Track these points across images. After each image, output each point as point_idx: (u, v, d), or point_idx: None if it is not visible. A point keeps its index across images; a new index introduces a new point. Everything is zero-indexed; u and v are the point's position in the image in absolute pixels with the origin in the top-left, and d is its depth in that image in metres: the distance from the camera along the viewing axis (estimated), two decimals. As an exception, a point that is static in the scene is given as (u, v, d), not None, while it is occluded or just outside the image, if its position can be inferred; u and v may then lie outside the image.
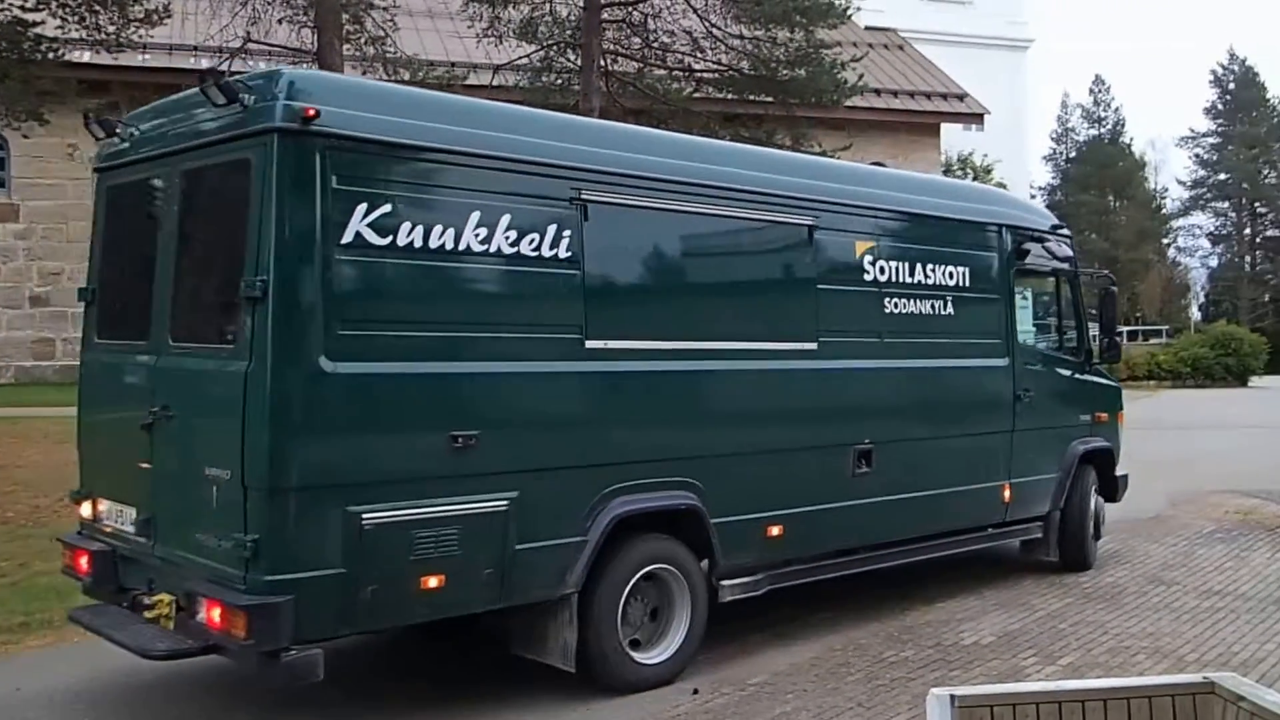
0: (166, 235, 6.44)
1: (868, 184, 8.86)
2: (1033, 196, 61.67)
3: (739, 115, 22.56)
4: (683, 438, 7.15)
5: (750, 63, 20.78)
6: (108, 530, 6.73)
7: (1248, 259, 79.62)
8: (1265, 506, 13.40)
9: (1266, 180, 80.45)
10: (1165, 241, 78.54)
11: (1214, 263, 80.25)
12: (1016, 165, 51.06)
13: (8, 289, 24.04)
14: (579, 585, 6.52)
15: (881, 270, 8.54)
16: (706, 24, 20.85)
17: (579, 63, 21.32)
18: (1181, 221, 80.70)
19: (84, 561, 6.70)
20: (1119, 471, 10.77)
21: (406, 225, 5.92)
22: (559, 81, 21.98)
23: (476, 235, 6.18)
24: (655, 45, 21.76)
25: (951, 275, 9.10)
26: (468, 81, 21.43)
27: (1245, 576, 9.86)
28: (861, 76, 21.28)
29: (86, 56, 18.65)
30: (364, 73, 17.71)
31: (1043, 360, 10.20)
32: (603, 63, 21.14)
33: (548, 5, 21.48)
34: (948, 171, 43.19)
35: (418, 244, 5.95)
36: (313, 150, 5.64)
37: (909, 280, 8.74)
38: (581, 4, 20.80)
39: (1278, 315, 73.34)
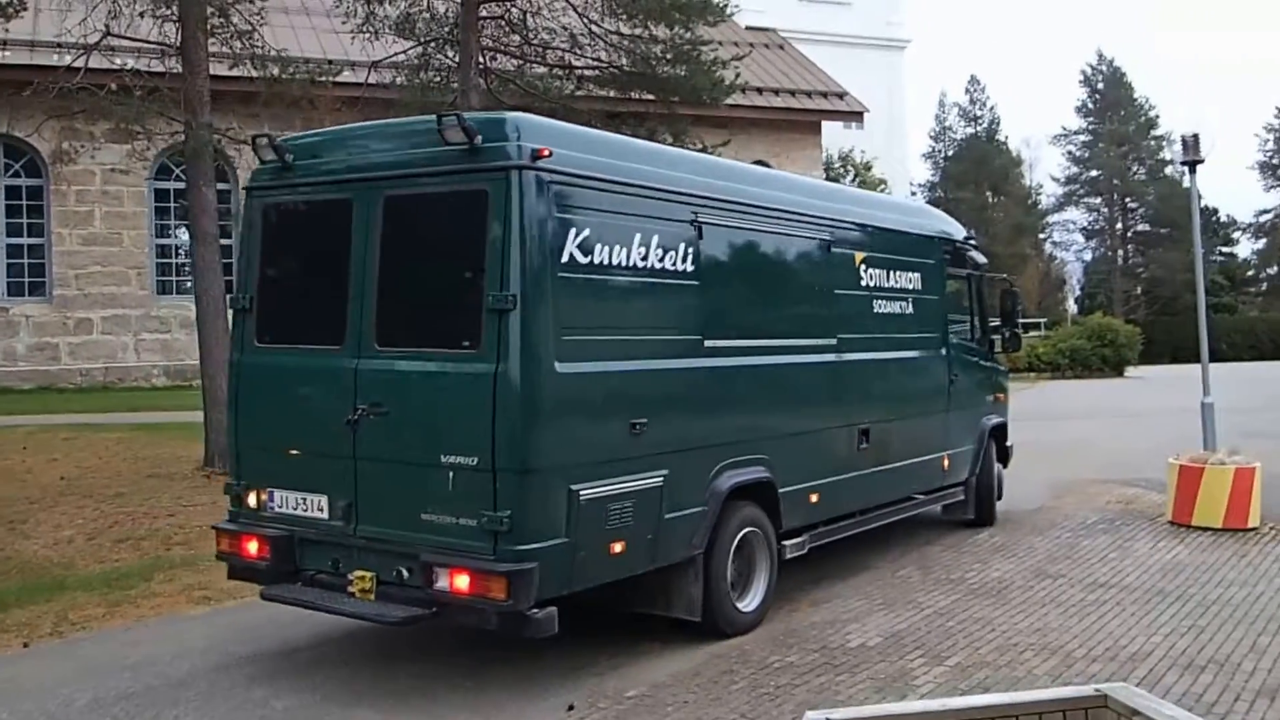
0: (365, 252, 7.12)
1: (859, 204, 10.80)
2: (913, 194, 62.62)
3: (621, 114, 22.30)
4: (761, 420, 8.47)
5: (630, 60, 20.53)
6: (282, 517, 7.39)
7: (1120, 253, 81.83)
8: (1146, 495, 13.54)
9: (1136, 176, 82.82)
10: (1041, 236, 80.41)
11: (1088, 256, 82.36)
12: (896, 163, 51.75)
13: None
14: (703, 546, 7.69)
15: (871, 277, 10.11)
16: (586, 20, 20.55)
17: (457, 60, 20.90)
18: (1056, 217, 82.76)
19: (254, 546, 7.42)
20: (1008, 443, 12.77)
21: (597, 246, 6.99)
22: (437, 79, 21.51)
23: (639, 253, 7.31)
24: (534, 42, 21.42)
25: (909, 280, 10.75)
26: (341, 79, 20.89)
27: (1129, 567, 9.87)
28: (739, 75, 21.17)
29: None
30: (231, 68, 17.06)
31: (963, 350, 11.87)
32: (481, 59, 20.73)
33: (425, 1, 21.01)
34: (829, 169, 43.49)
35: (604, 261, 7.04)
36: (543, 184, 6.65)
37: (885, 285, 10.33)
38: (459, 0, 20.39)
39: (1150, 307, 75.56)
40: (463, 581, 6.44)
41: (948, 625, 8.07)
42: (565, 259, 6.75)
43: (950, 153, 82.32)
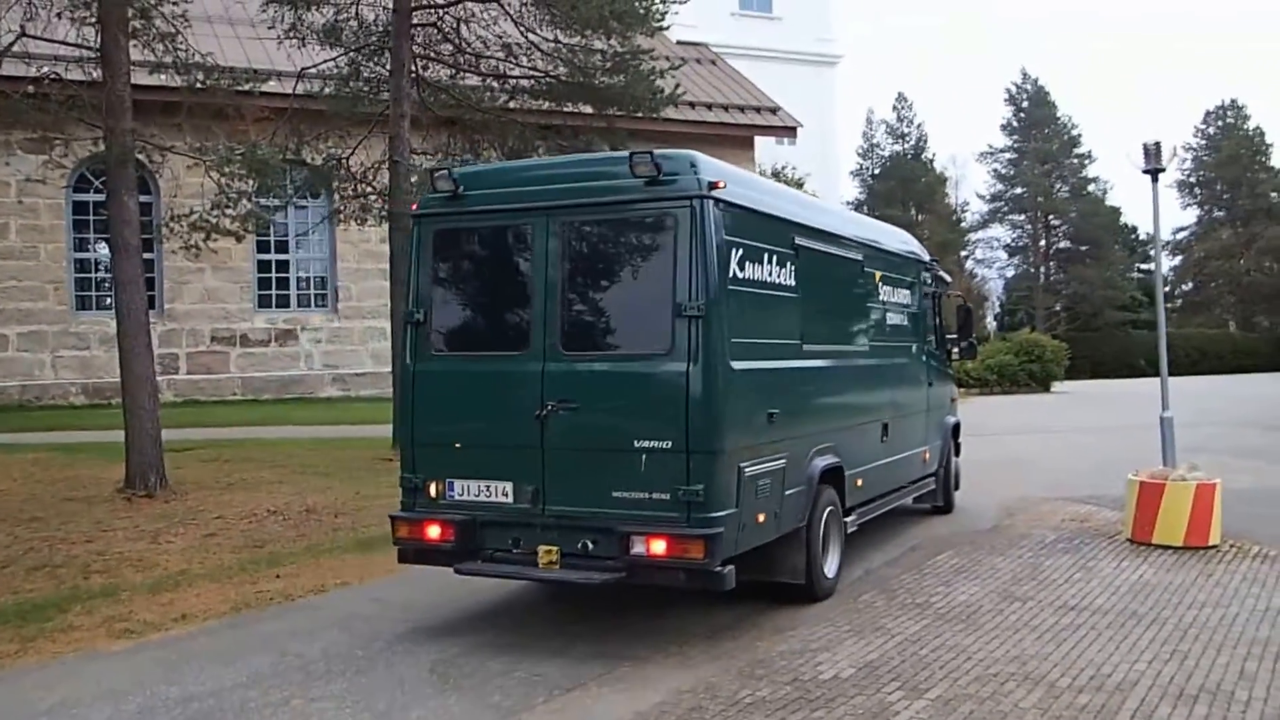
0: (546, 270, 8.18)
1: (874, 230, 12.63)
2: (842, 210, 62.58)
3: (556, 126, 21.85)
4: (833, 415, 10.03)
5: (567, 69, 20.09)
6: (462, 503, 8.39)
7: (1042, 269, 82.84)
8: (1099, 513, 13.31)
9: (1059, 194, 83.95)
10: (964, 253, 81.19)
11: (1010, 273, 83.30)
12: (827, 179, 51.76)
13: None
14: (804, 520, 8.97)
15: (884, 293, 11.79)
16: (521, 29, 20.09)
17: (387, 69, 20.32)
18: (981, 234, 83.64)
19: (435, 530, 8.43)
20: (959, 440, 14.54)
21: (747, 263, 8.30)
22: (366, 89, 20.90)
23: (766, 270, 8.62)
24: (468, 51, 20.91)
25: (904, 296, 12.51)
26: (268, 88, 20.21)
27: (1097, 589, 9.57)
28: (679, 85, 20.80)
29: None
30: (152, 72, 16.34)
31: (933, 358, 13.58)
32: (413, 69, 20.18)
33: (354, 8, 20.41)
34: (762, 185, 43.35)
35: (751, 276, 8.37)
36: (719, 211, 7.87)
37: (891, 300, 12.02)
38: (390, 7, 19.82)
39: (1070, 323, 76.50)
40: (659, 546, 7.61)
41: (921, 654, 7.67)
42: (731, 274, 8.03)
43: (878, 170, 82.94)
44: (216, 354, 29.99)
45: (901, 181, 79.54)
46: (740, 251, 8.18)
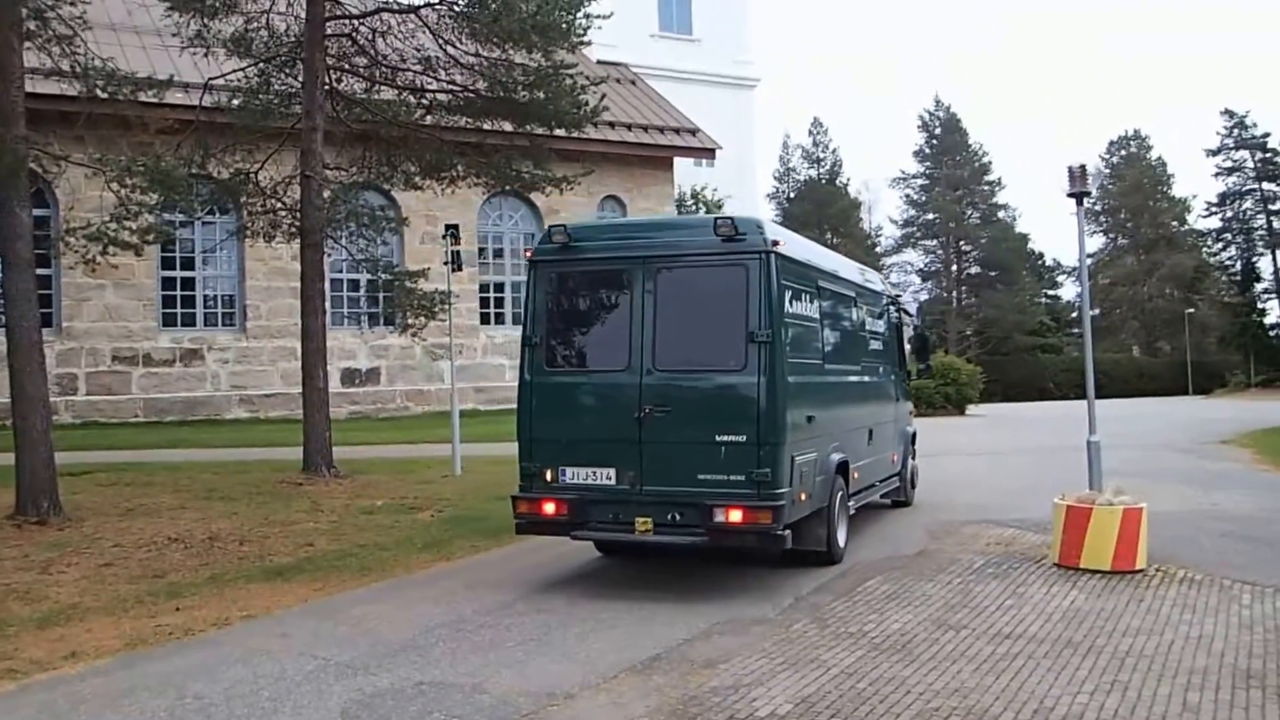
0: (643, 304, 10.36)
1: (859, 270, 14.93)
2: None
3: (476, 143, 21.41)
4: (842, 420, 12.26)
5: (487, 84, 19.67)
6: (573, 486, 10.44)
7: (954, 294, 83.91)
8: (1023, 536, 13.16)
9: (970, 220, 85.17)
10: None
11: (924, 297, 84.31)
12: (744, 201, 51.77)
13: None
14: (827, 501, 11.26)
15: (868, 323, 14.29)
16: (440, 41, 19.64)
17: (298, 80, 19.75)
18: (895, 258, 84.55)
19: (550, 507, 10.49)
20: (915, 445, 17.16)
21: (794, 302, 10.63)
22: (276, 101, 20.28)
23: (802, 306, 10.94)
24: (384, 64, 20.41)
25: (880, 325, 15.07)
26: (173, 99, 19.53)
27: (1030, 615, 9.34)
28: (604, 99, 20.48)
29: None
30: (48, 76, 15.63)
31: (899, 377, 16.17)
32: (327, 81, 19.64)
33: (264, 17, 19.81)
34: (681, 205, 43.16)
35: (795, 311, 10.68)
36: (781, 264, 10.22)
37: (872, 329, 14.50)
38: (303, 17, 19.27)
39: (982, 347, 77.53)
40: (736, 515, 9.79)
41: (859, 687, 7.34)
42: (787, 309, 10.33)
43: (794, 194, 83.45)
44: (118, 374, 29.06)
45: (817, 205, 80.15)
46: (790, 292, 10.48)
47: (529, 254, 11.12)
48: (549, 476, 10.56)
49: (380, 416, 32.09)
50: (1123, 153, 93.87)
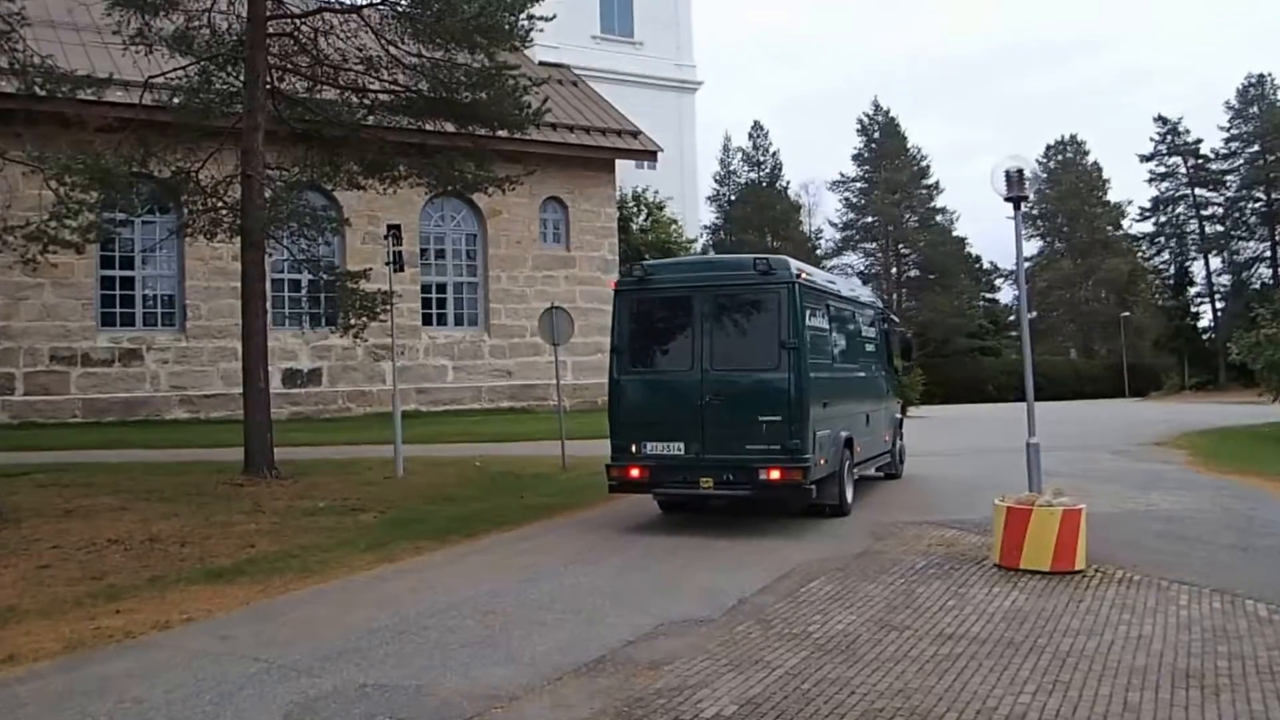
0: (702, 322, 13.86)
1: (855, 287, 19.62)
2: (700, 236, 62.94)
3: (418, 144, 21.32)
4: (847, 406, 15.56)
5: (430, 84, 19.59)
6: (651, 456, 13.84)
7: (894, 297, 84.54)
8: (965, 537, 13.31)
9: (908, 223, 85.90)
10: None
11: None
12: (686, 203, 51.93)
13: None
14: (839, 467, 14.64)
15: (864, 329, 17.73)
16: (383, 41, 19.54)
17: (239, 79, 19.56)
18: (835, 261, 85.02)
19: (635, 472, 13.94)
20: (903, 429, 20.89)
21: (812, 317, 14.14)
22: (217, 100, 20.06)
23: (818, 320, 14.48)
24: (327, 64, 20.27)
25: (872, 331, 18.51)
26: (113, 97, 19.27)
27: (971, 616, 9.45)
28: (546, 100, 20.46)
29: None
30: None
31: (889, 373, 19.57)
32: (268, 80, 19.46)
33: (206, 16, 19.60)
34: (622, 207, 43.20)
35: (812, 324, 13.99)
36: (800, 290, 13.69)
37: (866, 335, 17.84)
38: (245, 16, 19.08)
39: (921, 349, 78.12)
40: (775, 474, 13.25)
41: (804, 688, 7.41)
42: (806, 323, 13.71)
43: (734, 196, 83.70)
44: (56, 374, 28.62)
45: (758, 208, 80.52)
46: (808, 310, 13.95)
47: (614, 284, 14.97)
48: (634, 449, 13.93)
49: (322, 417, 31.83)
50: (1059, 157, 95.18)
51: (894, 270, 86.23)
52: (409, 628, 9.16)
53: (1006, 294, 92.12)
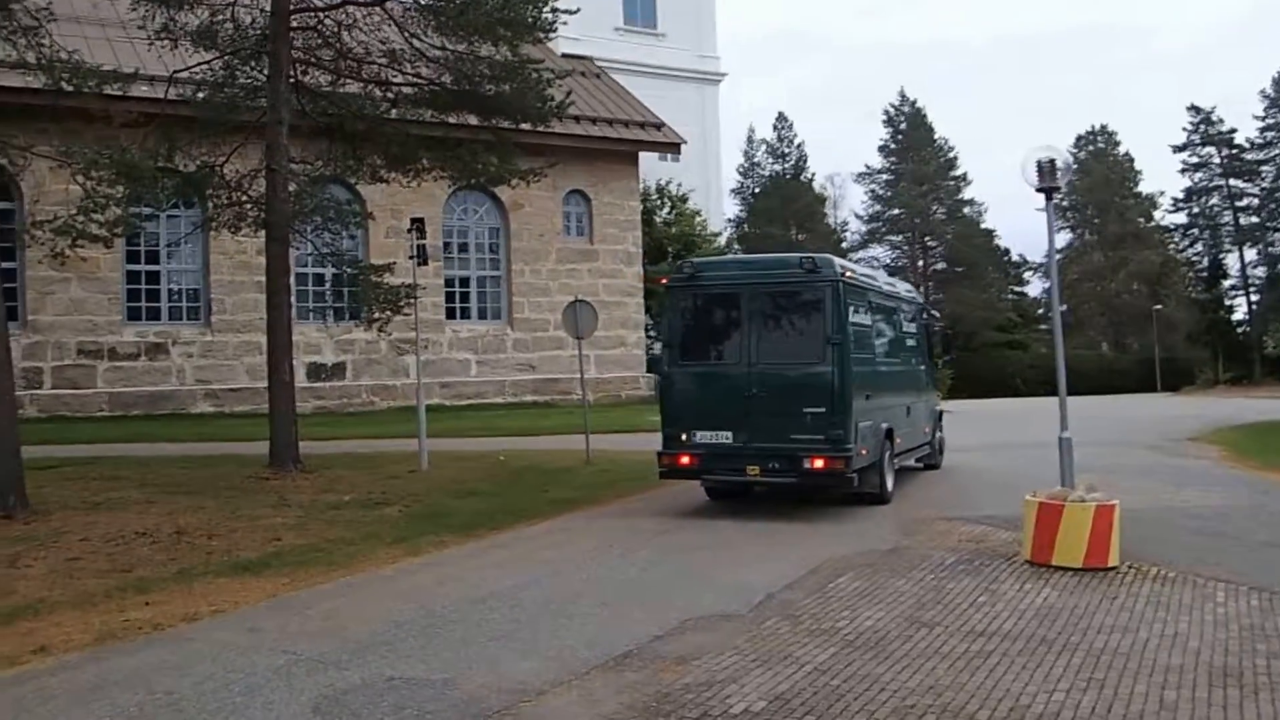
0: (750, 318, 14.45)
1: (896, 284, 19.59)
2: (724, 229, 62.78)
3: (440, 138, 21.28)
4: (889, 399, 15.99)
5: (453, 77, 19.54)
6: (701, 444, 14.42)
7: (921, 290, 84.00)
8: (995, 533, 13.16)
9: (935, 215, 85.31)
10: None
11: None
12: (709, 196, 51.81)
13: None
14: (879, 457, 15.05)
15: (906, 325, 18.20)
16: (406, 34, 19.50)
17: (263, 73, 19.54)
18: (861, 254, 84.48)
19: (685, 459, 14.52)
20: (942, 420, 21.28)
21: (856, 314, 14.63)
22: (241, 94, 20.05)
23: (860, 316, 14.90)
24: (350, 57, 20.25)
25: (914, 326, 19.02)
26: (138, 92, 19.28)
27: (1003, 612, 9.35)
28: (570, 94, 20.39)
29: None
30: (13, 68, 15.42)
31: (929, 367, 20.16)
32: (292, 74, 19.46)
33: (230, 10, 19.60)
34: (646, 200, 43.06)
35: (854, 321, 14.46)
36: (846, 287, 14.25)
37: (907, 330, 18.31)
38: (268, 9, 19.08)
39: (946, 344, 77.54)
40: (819, 463, 13.80)
41: (833, 685, 7.31)
42: (849, 319, 14.15)
43: (758, 189, 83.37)
44: (83, 368, 28.74)
45: (782, 200, 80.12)
46: (852, 307, 14.38)
47: (664, 281, 15.81)
48: (684, 438, 14.51)
49: (346, 411, 31.89)
50: (1090, 148, 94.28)
51: (921, 263, 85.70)
52: (436, 621, 9.12)
53: (1035, 287, 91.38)
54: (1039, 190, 12.38)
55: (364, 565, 11.62)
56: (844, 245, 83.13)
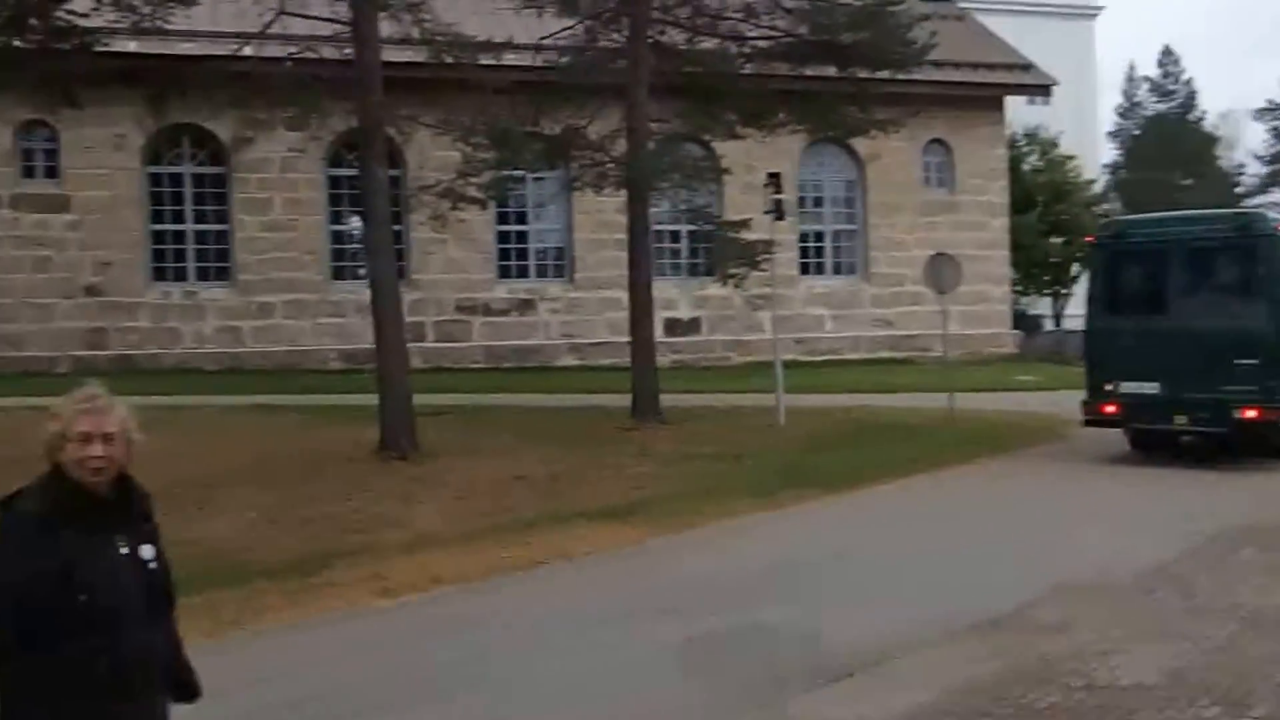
0: (1177, 272, 14.68)
1: None
2: (1099, 175, 59.52)
3: (798, 92, 21.16)
4: None
5: (810, 27, 19.35)
6: (1126, 394, 14.53)
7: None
8: None
9: (1347, 151, 77.33)
10: (1241, 222, 75.76)
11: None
12: (1083, 141, 49.17)
13: (62, 280, 23.92)
14: None
15: None
16: (764, -15, 19.48)
17: (623, 35, 20.02)
18: (1260, 199, 77.56)
19: (1110, 409, 14.74)
20: None
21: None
22: (603, 56, 20.63)
23: None
24: (706, 13, 20.43)
25: None
26: (506, 60, 20.22)
27: None
28: (935, 33, 19.78)
29: (132, 46, 17.74)
30: (399, 43, 16.57)
31: None
32: (650, 34, 19.84)
33: (589, -25, 20.18)
34: (1013, 147, 41.29)
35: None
36: (1278, 241, 14.22)
37: None
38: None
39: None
40: (1252, 414, 13.59)
41: (1235, 664, 6.72)
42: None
43: (1139, 131, 78.25)
44: (460, 323, 30.55)
45: (1166, 142, 74.75)
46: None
47: (1092, 239, 16.68)
48: (1109, 388, 14.82)
49: (701, 366, 32.43)
50: None
51: (1324, 207, 78.32)
52: (799, 572, 9.19)
53: None
54: None
55: (725, 516, 11.84)
56: (1238, 190, 76.65)
